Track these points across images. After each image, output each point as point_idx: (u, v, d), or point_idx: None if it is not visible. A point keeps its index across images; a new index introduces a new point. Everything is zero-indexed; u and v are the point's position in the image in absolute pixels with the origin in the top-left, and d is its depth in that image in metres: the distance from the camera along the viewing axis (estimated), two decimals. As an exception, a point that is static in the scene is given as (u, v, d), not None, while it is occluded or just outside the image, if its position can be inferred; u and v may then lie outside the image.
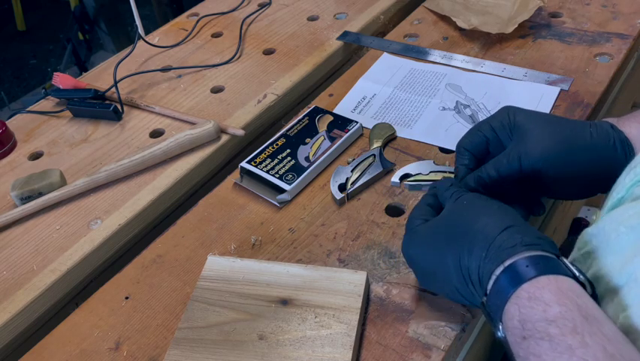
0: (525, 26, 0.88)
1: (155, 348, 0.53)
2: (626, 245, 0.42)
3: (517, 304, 0.40)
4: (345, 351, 0.49)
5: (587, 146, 0.51)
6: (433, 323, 0.52)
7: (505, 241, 0.43)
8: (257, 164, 0.68)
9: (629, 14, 0.88)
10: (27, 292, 0.59)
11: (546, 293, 0.39)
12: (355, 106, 0.79)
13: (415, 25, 0.94)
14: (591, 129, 0.52)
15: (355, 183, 0.65)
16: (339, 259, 0.59)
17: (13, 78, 2.66)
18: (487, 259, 0.43)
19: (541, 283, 0.40)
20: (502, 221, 0.44)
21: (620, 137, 0.52)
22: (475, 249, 0.44)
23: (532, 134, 0.52)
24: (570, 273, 0.41)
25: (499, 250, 0.43)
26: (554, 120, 0.54)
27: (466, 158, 0.57)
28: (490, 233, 0.44)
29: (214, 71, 0.88)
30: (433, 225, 0.50)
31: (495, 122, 0.56)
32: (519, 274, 0.41)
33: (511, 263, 0.42)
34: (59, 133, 0.80)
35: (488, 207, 0.47)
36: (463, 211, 0.48)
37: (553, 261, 0.41)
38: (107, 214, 0.67)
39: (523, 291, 0.40)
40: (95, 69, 0.93)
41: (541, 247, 0.42)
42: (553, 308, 0.38)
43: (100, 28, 2.33)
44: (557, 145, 0.51)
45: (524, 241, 0.42)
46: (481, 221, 0.45)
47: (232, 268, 0.57)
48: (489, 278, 0.43)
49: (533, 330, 0.38)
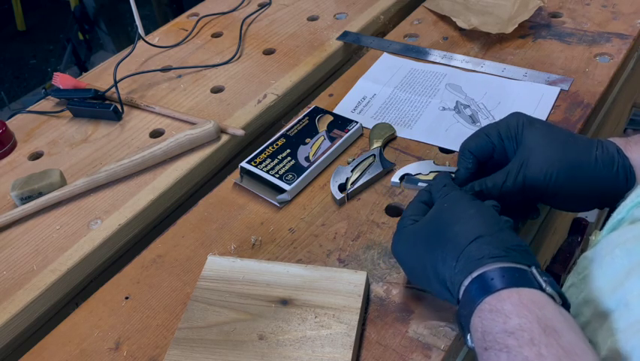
0: (525, 26, 0.88)
1: (155, 348, 0.53)
2: (619, 268, 0.42)
3: (480, 317, 0.41)
4: (345, 351, 0.49)
5: (590, 172, 0.51)
6: (433, 323, 0.52)
7: (474, 252, 0.43)
8: (257, 164, 0.68)
9: (629, 14, 0.88)
10: (27, 292, 0.59)
11: (507, 305, 0.39)
12: (355, 106, 0.79)
13: (415, 25, 0.94)
14: (597, 152, 0.52)
15: (355, 183, 0.66)
16: (339, 259, 0.59)
17: (13, 78, 2.66)
18: (457, 270, 0.44)
19: (503, 295, 0.40)
20: (473, 230, 0.45)
21: (624, 163, 0.51)
22: (447, 258, 0.45)
23: (536, 156, 0.52)
24: (537, 285, 0.41)
25: (467, 262, 0.43)
26: (561, 139, 0.53)
27: (470, 161, 0.57)
28: (460, 243, 0.44)
29: (214, 71, 0.88)
30: (417, 227, 0.50)
31: (503, 129, 0.55)
32: (484, 287, 0.41)
33: (478, 275, 0.42)
34: (59, 133, 0.80)
35: (464, 212, 0.47)
36: (442, 215, 0.48)
37: (520, 272, 0.42)
38: (107, 214, 0.67)
39: (486, 303, 0.41)
40: (95, 69, 0.93)
41: (509, 259, 0.42)
42: (512, 320, 0.39)
43: (100, 28, 2.33)
44: (561, 170, 0.51)
45: (492, 253, 0.43)
46: (454, 229, 0.46)
47: (232, 268, 0.57)
48: (459, 289, 0.44)
49: (493, 341, 0.39)
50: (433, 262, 0.46)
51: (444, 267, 0.45)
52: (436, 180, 0.54)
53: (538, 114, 0.72)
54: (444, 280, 0.45)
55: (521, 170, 0.52)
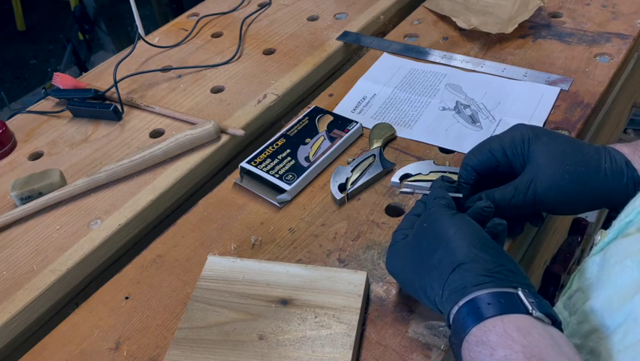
0: (525, 26, 0.88)
1: (155, 348, 0.53)
2: (629, 280, 0.41)
3: (468, 349, 0.41)
4: (345, 351, 0.49)
5: (600, 184, 0.51)
6: (433, 323, 0.52)
7: (457, 282, 0.43)
8: (257, 164, 0.68)
9: (629, 14, 0.88)
10: (27, 292, 0.59)
11: (492, 336, 0.39)
12: (355, 106, 0.79)
13: (415, 25, 0.94)
14: (606, 165, 0.52)
15: (355, 183, 0.65)
16: (339, 259, 0.59)
17: (13, 78, 2.66)
18: (444, 298, 0.44)
19: (488, 325, 0.40)
20: (453, 257, 0.44)
21: (633, 175, 0.51)
22: (434, 286, 0.45)
23: (545, 172, 0.52)
24: (523, 309, 0.40)
25: (451, 291, 0.43)
26: (568, 152, 0.52)
27: (472, 178, 0.56)
28: (444, 272, 0.44)
29: (214, 71, 0.88)
30: (404, 246, 0.50)
31: (508, 145, 0.54)
32: (471, 315, 0.41)
33: (464, 303, 0.42)
34: (59, 133, 0.80)
35: (444, 233, 0.46)
36: (424, 238, 0.48)
37: (505, 297, 0.41)
38: (107, 214, 0.67)
39: (472, 335, 0.41)
40: (95, 69, 0.93)
41: (493, 283, 0.42)
42: (498, 352, 0.38)
43: (100, 28, 2.33)
44: (572, 184, 0.51)
45: (474, 281, 0.42)
46: (437, 255, 0.45)
47: (232, 268, 0.57)
48: (448, 317, 0.44)
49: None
50: (422, 287, 0.47)
51: (432, 293, 0.46)
52: (430, 195, 0.53)
53: (538, 114, 0.72)
54: (434, 305, 0.46)
55: (531, 186, 0.52)
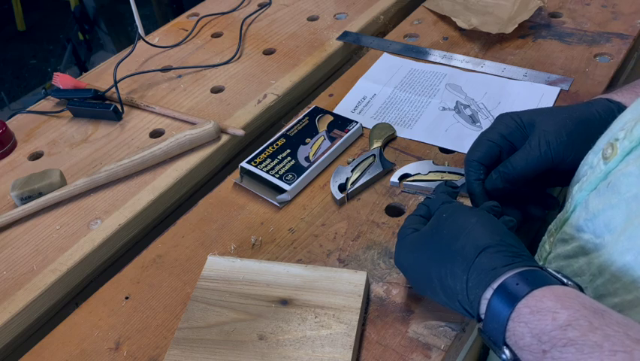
0: (525, 26, 0.88)
1: (155, 348, 0.53)
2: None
3: (523, 322, 0.39)
4: (345, 351, 0.49)
5: (597, 123, 0.53)
6: (433, 323, 0.52)
7: (485, 264, 0.43)
8: (257, 164, 0.68)
9: (629, 14, 0.88)
10: (27, 292, 0.59)
11: (547, 302, 0.39)
12: (355, 106, 0.79)
13: (415, 25, 0.94)
14: (594, 108, 0.54)
15: (355, 183, 0.65)
16: (339, 259, 0.59)
17: (13, 78, 2.66)
18: (472, 284, 0.43)
19: (537, 295, 0.39)
20: (479, 241, 0.44)
21: (618, 107, 0.54)
22: (456, 271, 0.44)
23: (549, 125, 0.54)
24: (557, 281, 0.41)
25: (480, 274, 0.43)
26: (560, 108, 0.55)
27: (481, 172, 0.56)
28: (469, 255, 0.44)
29: (214, 71, 0.88)
30: (418, 237, 0.49)
31: (503, 129, 0.55)
32: (512, 293, 0.40)
33: (499, 285, 0.41)
34: (59, 133, 0.80)
35: (466, 222, 0.46)
36: (443, 226, 0.47)
37: (539, 273, 0.41)
38: (107, 214, 0.67)
39: (523, 307, 0.39)
40: (95, 69, 0.93)
41: (522, 263, 0.42)
42: (561, 313, 0.37)
43: (100, 28, 2.33)
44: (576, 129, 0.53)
45: (504, 261, 0.42)
46: (459, 242, 0.45)
47: (232, 268, 0.57)
48: (479, 303, 0.42)
49: (552, 340, 0.37)
50: (440, 274, 0.45)
51: (454, 281, 0.44)
52: (434, 198, 0.53)
53: (538, 114, 0.73)
54: (453, 294, 0.45)
55: (541, 140, 0.53)
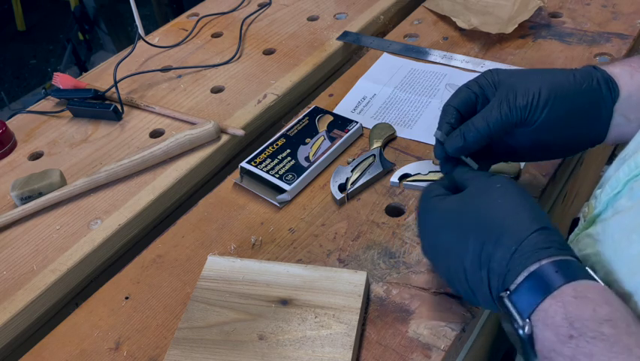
0: (525, 26, 0.88)
1: (155, 348, 0.53)
2: (636, 253, 0.41)
3: (562, 301, 0.39)
4: (345, 351, 0.49)
5: (571, 86, 0.51)
6: (433, 323, 0.52)
7: (541, 241, 0.42)
8: (257, 164, 0.68)
9: (629, 14, 0.88)
10: (27, 292, 0.59)
11: (593, 293, 0.39)
12: (355, 106, 0.79)
13: (415, 25, 0.94)
14: (574, 72, 0.52)
15: (355, 183, 0.65)
16: (339, 259, 0.59)
17: (13, 78, 2.66)
18: (519, 254, 0.42)
19: (585, 285, 0.39)
20: (537, 221, 0.44)
21: (603, 75, 0.52)
22: (504, 240, 0.43)
23: (516, 84, 0.52)
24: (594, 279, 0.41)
25: (534, 249, 0.42)
26: (536, 70, 0.54)
27: (453, 116, 0.55)
28: (525, 229, 0.43)
29: (214, 71, 0.88)
30: (458, 201, 0.48)
31: (481, 80, 0.55)
32: (560, 273, 0.40)
33: (550, 262, 0.41)
34: (59, 133, 0.80)
35: (524, 201, 0.46)
36: (497, 198, 0.46)
37: (584, 269, 0.41)
38: (107, 214, 0.67)
39: (569, 288, 0.39)
40: (95, 69, 0.93)
41: (570, 253, 0.42)
42: (603, 308, 0.37)
43: (100, 28, 2.33)
44: (542, 87, 0.51)
45: (560, 245, 0.42)
46: (518, 216, 0.44)
47: (232, 268, 0.57)
48: (518, 273, 0.42)
49: (584, 328, 0.37)
50: (480, 240, 0.44)
51: (496, 247, 0.43)
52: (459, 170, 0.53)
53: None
54: (488, 259, 0.44)
55: (509, 94, 0.52)
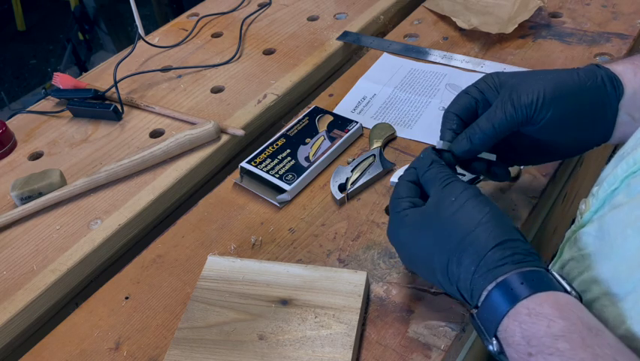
0: (525, 26, 0.88)
1: (155, 348, 0.53)
2: (634, 249, 0.41)
3: (518, 321, 0.39)
4: (345, 351, 0.49)
5: (575, 84, 0.51)
6: (433, 323, 0.52)
7: (496, 258, 0.42)
8: (257, 164, 0.68)
9: (629, 14, 0.88)
10: (27, 292, 0.59)
11: (546, 308, 0.39)
12: (355, 106, 0.79)
13: (415, 25, 0.94)
14: (577, 71, 0.52)
15: (355, 183, 0.65)
16: (339, 259, 0.59)
17: (13, 78, 2.66)
18: (478, 275, 0.43)
19: (540, 298, 0.39)
20: (494, 235, 0.43)
21: (607, 73, 0.51)
22: (464, 260, 0.44)
23: (520, 84, 0.52)
24: (561, 288, 0.41)
25: (489, 267, 0.42)
26: (538, 71, 0.54)
27: (454, 123, 0.54)
28: (482, 248, 0.43)
29: (214, 71, 0.88)
30: (421, 217, 0.48)
31: (481, 84, 0.55)
32: (514, 291, 0.40)
33: (503, 280, 0.41)
34: (59, 133, 0.80)
35: (480, 212, 0.45)
36: (455, 212, 0.46)
37: (545, 276, 0.41)
38: (107, 214, 0.67)
39: (522, 307, 0.39)
40: (95, 69, 0.93)
41: (531, 263, 0.42)
42: (557, 323, 0.37)
43: (100, 28, 2.33)
44: (546, 86, 0.51)
45: (515, 259, 0.42)
46: (474, 233, 0.44)
47: (232, 268, 0.57)
48: (480, 294, 0.42)
49: (540, 346, 0.37)
50: (444, 259, 0.45)
51: (458, 268, 0.44)
52: (420, 161, 0.51)
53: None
54: (454, 279, 0.44)
55: (513, 94, 0.51)
